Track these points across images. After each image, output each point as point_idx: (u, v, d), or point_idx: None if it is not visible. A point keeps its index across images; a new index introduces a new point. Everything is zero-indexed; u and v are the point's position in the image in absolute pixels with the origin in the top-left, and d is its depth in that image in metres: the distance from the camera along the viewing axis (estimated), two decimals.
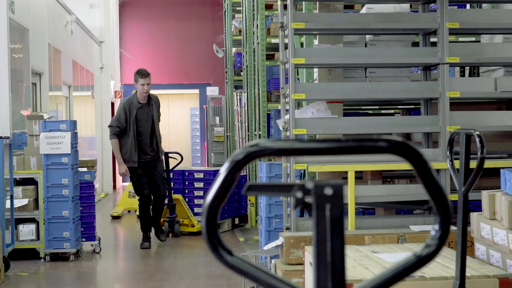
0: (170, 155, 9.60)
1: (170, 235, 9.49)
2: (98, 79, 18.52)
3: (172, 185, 9.71)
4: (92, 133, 17.33)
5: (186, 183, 10.26)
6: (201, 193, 10.20)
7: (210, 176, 10.19)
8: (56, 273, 7.43)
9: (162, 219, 9.27)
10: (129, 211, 12.91)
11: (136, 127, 8.55)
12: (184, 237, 9.60)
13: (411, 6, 6.66)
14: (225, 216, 10.07)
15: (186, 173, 10.39)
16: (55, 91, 13.62)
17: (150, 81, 8.71)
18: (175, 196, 9.69)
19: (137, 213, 10.22)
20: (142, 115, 8.61)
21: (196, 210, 9.93)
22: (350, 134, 5.69)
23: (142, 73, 8.68)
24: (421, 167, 1.17)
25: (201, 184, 10.25)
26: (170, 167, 9.61)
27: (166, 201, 9.12)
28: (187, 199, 9.96)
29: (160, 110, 8.91)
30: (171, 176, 9.84)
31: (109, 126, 8.75)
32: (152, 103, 8.73)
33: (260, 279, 1.18)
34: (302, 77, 7.88)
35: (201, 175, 10.32)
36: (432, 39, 6.04)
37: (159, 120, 8.85)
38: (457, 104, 6.15)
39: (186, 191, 10.19)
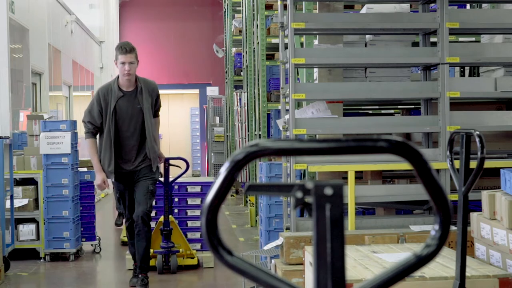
0: (171, 161, 7.30)
1: (164, 271, 7.07)
2: (98, 79, 18.53)
3: (165, 203, 7.17)
4: None
5: (176, 199, 7.55)
6: (197, 212, 7.58)
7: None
8: (56, 273, 7.43)
9: (153, 250, 6.98)
10: None
11: (115, 124, 6.14)
12: (181, 272, 7.13)
13: (411, 6, 6.66)
14: None
15: (176, 186, 7.56)
16: (55, 91, 13.63)
17: (136, 60, 6.22)
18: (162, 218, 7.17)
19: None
20: (124, 108, 6.17)
21: (190, 235, 7.51)
22: (350, 134, 5.69)
23: (122, 48, 6.17)
24: (421, 167, 1.17)
25: (197, 201, 7.60)
26: (171, 177, 7.35)
27: (155, 226, 7.11)
28: (177, 221, 7.35)
29: (160, 101, 6.54)
30: (172, 188, 7.54)
31: (82, 121, 6.51)
32: (141, 90, 6.22)
33: (260, 279, 1.18)
34: (302, 77, 7.88)
35: (197, 189, 7.63)
36: (432, 39, 6.04)
37: (156, 115, 6.45)
38: (457, 104, 6.15)
39: (176, 211, 7.53)
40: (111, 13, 19.97)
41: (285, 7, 5.79)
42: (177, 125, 23.24)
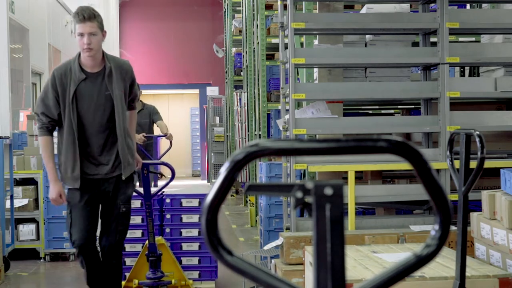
0: (158, 167, 6.60)
1: None
2: None
3: (147, 221, 5.53)
4: None
5: (168, 216, 6.09)
6: (194, 232, 6.12)
7: None
8: (56, 273, 7.43)
9: (137, 281, 5.71)
10: None
11: (76, 115, 4.70)
12: None
13: (411, 6, 6.66)
14: None
15: (168, 200, 6.09)
16: None
17: (100, 31, 4.68)
18: (155, 239, 5.60)
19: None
20: (88, 94, 4.72)
21: (186, 261, 6.11)
22: (350, 134, 5.69)
23: (79, 14, 4.65)
24: (421, 167, 1.17)
25: (194, 218, 6.14)
26: (153, 187, 5.93)
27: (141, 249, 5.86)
28: (169, 244, 5.98)
29: (136, 88, 4.99)
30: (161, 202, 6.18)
31: (35, 113, 5.40)
32: (111, 72, 4.73)
33: (260, 279, 1.18)
34: (302, 77, 7.88)
35: (194, 203, 6.12)
36: (432, 39, 6.04)
37: (131, 107, 5.00)
38: (457, 104, 6.15)
39: (168, 230, 6.08)
40: (111, 13, 19.97)
41: (285, 7, 5.79)
42: (177, 125, 23.22)
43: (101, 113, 4.75)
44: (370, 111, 8.29)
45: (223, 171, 1.18)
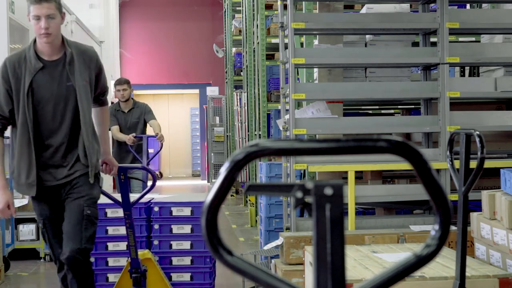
0: (139, 172, 6.18)
1: None
2: None
3: (128, 233, 4.80)
4: None
5: (156, 226, 5.47)
6: (185, 245, 5.50)
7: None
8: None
9: None
10: None
11: (32, 111, 4.08)
12: None
13: (411, 6, 6.66)
14: None
15: (156, 208, 5.46)
16: None
17: (59, 13, 4.09)
18: (140, 253, 5.03)
19: None
20: (46, 85, 4.09)
21: (176, 277, 5.53)
22: (350, 134, 5.69)
23: None
24: (421, 167, 1.17)
25: (185, 228, 5.49)
26: (134, 195, 5.16)
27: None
28: (157, 258, 5.41)
29: (104, 78, 4.32)
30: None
31: None
32: (72, 60, 4.11)
33: (260, 279, 1.18)
34: (302, 77, 7.88)
35: (186, 211, 5.48)
36: (432, 39, 6.04)
37: (101, 101, 4.42)
38: (457, 104, 6.15)
39: (156, 242, 5.46)
40: (111, 13, 19.97)
41: (285, 7, 5.79)
42: (177, 125, 23.24)
43: (62, 107, 4.10)
44: (370, 111, 8.30)
45: (223, 171, 1.18)
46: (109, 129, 8.24)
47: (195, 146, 22.84)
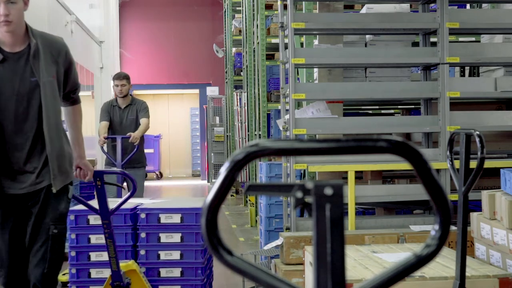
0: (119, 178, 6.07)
1: None
2: (98, 79, 18.53)
3: (107, 243, 4.32)
4: (92, 133, 17.35)
5: (143, 235, 4.99)
6: (175, 255, 5.00)
7: (192, 220, 4.98)
8: None
9: None
10: None
11: None
12: None
13: (411, 6, 6.66)
14: None
15: (143, 215, 4.99)
16: None
17: None
18: (124, 264, 4.61)
19: None
20: (6, 81, 3.65)
21: None
22: (350, 134, 5.69)
23: None
24: (421, 167, 1.17)
25: (175, 237, 5.00)
26: (113, 202, 4.48)
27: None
28: (144, 269, 4.98)
29: (75, 73, 3.90)
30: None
31: None
32: (37, 52, 3.65)
33: (260, 279, 1.18)
34: (302, 77, 7.88)
35: (175, 218, 4.99)
36: (432, 39, 6.04)
37: (73, 99, 3.95)
38: (457, 104, 6.15)
39: (143, 252, 5.01)
40: (111, 13, 19.97)
41: (285, 7, 5.79)
42: (177, 125, 23.24)
43: (25, 105, 3.63)
44: (370, 111, 8.30)
45: (223, 171, 1.18)
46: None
47: (195, 146, 22.84)
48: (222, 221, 11.11)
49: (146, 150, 22.02)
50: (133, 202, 5.26)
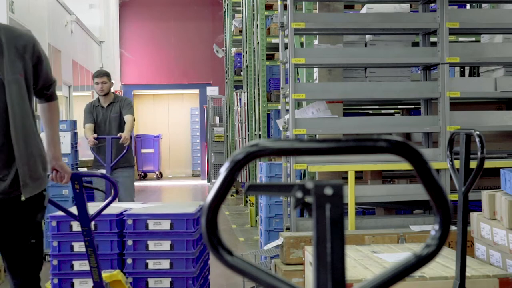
0: (97, 179, 6.03)
1: None
2: None
3: (88, 252, 3.90)
4: None
5: (130, 242, 4.63)
6: (164, 264, 4.64)
7: (183, 226, 4.63)
8: None
9: None
10: None
11: None
12: None
13: (411, 6, 6.66)
14: None
15: (130, 221, 4.63)
16: None
17: None
18: (108, 274, 4.26)
19: None
20: None
21: None
22: (350, 134, 5.69)
23: None
24: (421, 167, 1.17)
25: (164, 245, 4.64)
26: (94, 206, 4.26)
27: None
28: (131, 279, 4.65)
29: (46, 67, 3.55)
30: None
31: None
32: (1, 47, 3.33)
33: (260, 279, 1.18)
34: (302, 77, 7.88)
35: (164, 225, 4.64)
36: (432, 39, 6.04)
37: (46, 96, 3.66)
38: (457, 104, 6.15)
39: (130, 261, 4.63)
40: (111, 13, 19.97)
41: (285, 7, 5.79)
42: (177, 125, 23.24)
43: None
44: (370, 111, 8.30)
45: (223, 171, 1.18)
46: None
47: (195, 146, 22.84)
48: (222, 221, 11.11)
49: (146, 150, 22.01)
50: (120, 206, 4.96)
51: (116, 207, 4.85)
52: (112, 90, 8.19)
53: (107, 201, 3.86)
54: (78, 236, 4.54)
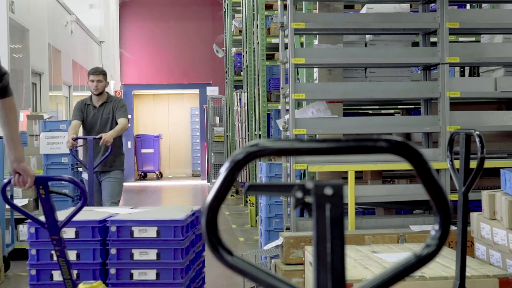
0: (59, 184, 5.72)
1: None
2: None
3: (60, 263, 3.57)
4: None
5: (113, 251, 4.29)
6: (151, 274, 4.28)
7: (170, 234, 4.28)
8: None
9: None
10: None
11: None
12: None
13: (411, 6, 6.66)
14: None
15: (113, 228, 4.29)
16: (55, 91, 13.63)
17: None
18: (88, 286, 3.77)
19: None
20: None
21: None
22: (350, 134, 5.69)
23: None
24: (421, 167, 1.17)
25: (150, 254, 4.29)
26: (60, 218, 3.66)
27: None
28: None
29: None
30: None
31: None
32: None
33: (260, 279, 1.18)
34: (302, 77, 7.88)
35: (150, 232, 4.29)
36: (432, 39, 6.04)
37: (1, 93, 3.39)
38: (457, 104, 6.15)
39: (113, 272, 4.29)
40: (111, 13, 19.97)
41: (285, 7, 5.79)
42: (177, 125, 23.24)
43: None
44: (370, 111, 8.29)
45: (223, 171, 1.18)
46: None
47: (195, 146, 22.84)
48: (222, 221, 11.11)
49: (146, 150, 21.94)
50: (106, 211, 4.62)
51: (102, 212, 4.51)
52: (112, 90, 8.13)
53: (76, 207, 3.53)
54: None
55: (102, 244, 4.36)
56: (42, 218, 3.57)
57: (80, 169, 8.46)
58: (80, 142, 6.92)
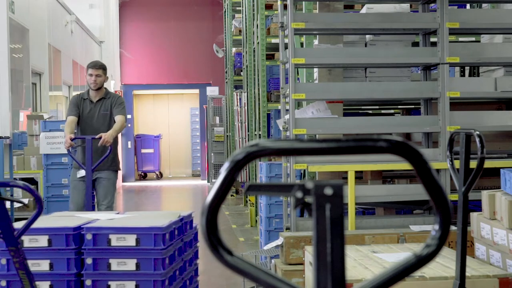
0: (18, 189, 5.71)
1: None
2: None
3: (19, 275, 3.16)
4: None
5: (89, 261, 3.96)
6: (129, 286, 3.94)
7: (151, 243, 3.94)
8: None
9: None
10: None
11: None
12: None
13: (411, 6, 6.66)
14: None
15: (89, 236, 3.97)
16: (55, 91, 13.63)
17: None
18: None
19: None
20: None
21: None
22: (350, 134, 5.69)
23: None
24: (421, 167, 1.17)
25: (129, 264, 3.95)
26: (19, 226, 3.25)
27: None
28: None
29: None
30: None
31: None
32: None
33: (260, 279, 1.18)
34: (302, 77, 7.88)
35: (129, 240, 3.95)
36: (432, 39, 6.04)
37: None
38: (457, 104, 6.15)
39: (88, 283, 3.97)
40: (111, 13, 19.96)
41: (285, 7, 5.79)
42: (177, 125, 23.24)
43: None
44: (370, 111, 8.29)
45: (223, 171, 1.18)
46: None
47: (195, 146, 22.84)
48: (222, 221, 11.11)
49: (146, 150, 21.96)
50: (84, 217, 4.32)
51: (80, 217, 4.18)
52: (112, 90, 8.11)
53: (32, 215, 3.16)
54: (29, 253, 3.86)
55: (77, 253, 4.01)
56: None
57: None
58: (78, 141, 6.73)
